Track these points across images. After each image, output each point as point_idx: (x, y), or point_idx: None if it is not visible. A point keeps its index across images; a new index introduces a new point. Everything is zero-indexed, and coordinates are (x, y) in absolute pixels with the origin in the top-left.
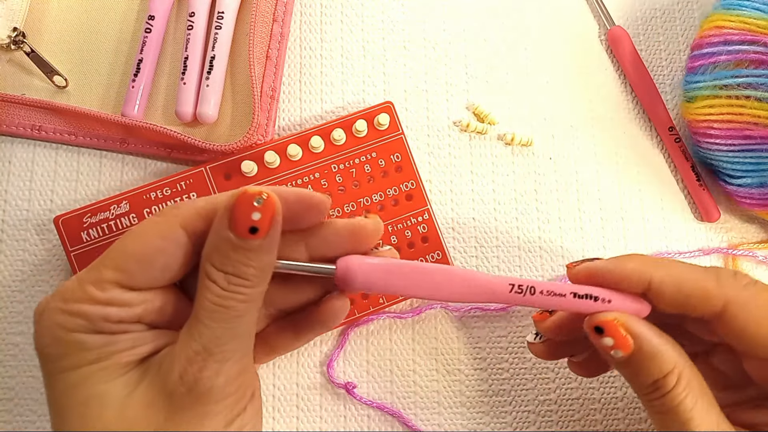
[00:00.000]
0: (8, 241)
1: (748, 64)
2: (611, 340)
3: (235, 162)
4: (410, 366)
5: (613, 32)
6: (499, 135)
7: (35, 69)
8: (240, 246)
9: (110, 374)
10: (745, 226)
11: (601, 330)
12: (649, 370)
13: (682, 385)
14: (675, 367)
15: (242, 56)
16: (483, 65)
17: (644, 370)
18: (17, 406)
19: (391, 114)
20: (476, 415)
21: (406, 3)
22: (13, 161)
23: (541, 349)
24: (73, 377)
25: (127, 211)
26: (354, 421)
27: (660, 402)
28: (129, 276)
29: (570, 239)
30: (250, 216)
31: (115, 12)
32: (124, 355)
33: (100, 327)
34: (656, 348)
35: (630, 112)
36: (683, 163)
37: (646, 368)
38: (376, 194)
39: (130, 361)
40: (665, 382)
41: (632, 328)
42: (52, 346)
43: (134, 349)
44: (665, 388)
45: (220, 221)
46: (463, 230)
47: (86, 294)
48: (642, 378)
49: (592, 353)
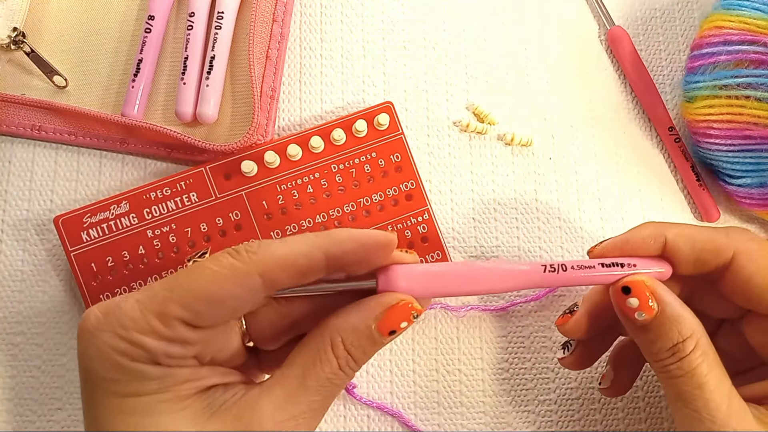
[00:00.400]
0: (8, 241)
1: (748, 64)
2: (636, 301)
3: (235, 162)
4: (410, 366)
5: (613, 32)
6: (499, 135)
7: (35, 69)
8: (377, 341)
9: (172, 406)
10: (744, 226)
11: (629, 290)
12: (669, 334)
13: (699, 350)
14: (694, 333)
15: (242, 56)
16: (483, 65)
17: (665, 334)
18: (17, 406)
19: (391, 114)
20: (476, 415)
21: (406, 3)
22: (13, 161)
23: (572, 361)
24: (132, 404)
25: (127, 211)
26: (354, 421)
27: (676, 365)
28: (196, 316)
29: (570, 239)
30: (399, 324)
31: (115, 12)
32: (182, 388)
33: (159, 360)
34: (678, 312)
35: (630, 112)
36: (683, 163)
37: (666, 332)
38: (376, 194)
39: (188, 395)
40: (684, 347)
41: (657, 292)
42: (110, 371)
43: (190, 383)
44: (683, 352)
45: (371, 312)
46: (463, 230)
47: (150, 326)
48: (661, 342)
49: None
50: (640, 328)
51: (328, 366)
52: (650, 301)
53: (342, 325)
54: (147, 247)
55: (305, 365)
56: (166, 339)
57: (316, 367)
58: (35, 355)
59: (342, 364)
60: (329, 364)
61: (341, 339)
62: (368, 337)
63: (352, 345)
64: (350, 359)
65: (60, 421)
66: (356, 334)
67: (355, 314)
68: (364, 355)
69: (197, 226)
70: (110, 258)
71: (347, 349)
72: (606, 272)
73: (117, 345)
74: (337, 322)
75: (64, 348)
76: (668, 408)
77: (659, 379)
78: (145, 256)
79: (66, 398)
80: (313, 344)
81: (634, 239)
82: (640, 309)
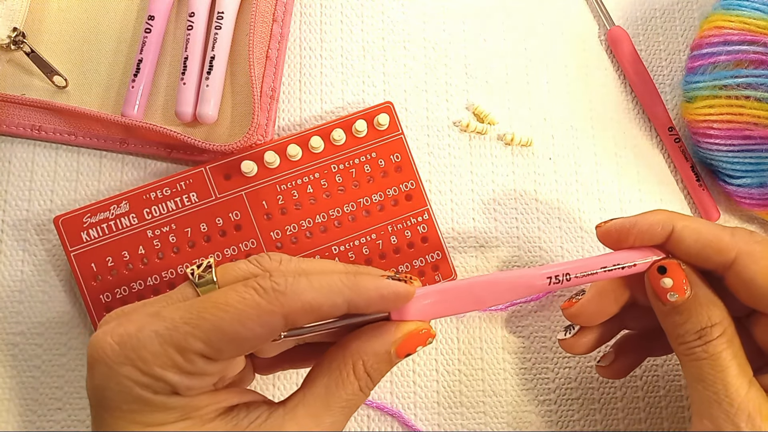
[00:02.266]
0: (8, 241)
1: (748, 65)
2: (671, 281)
3: (235, 162)
4: (410, 366)
5: (613, 32)
6: (499, 135)
7: (35, 69)
8: (392, 363)
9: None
10: (744, 226)
11: (664, 270)
12: (699, 317)
13: (727, 336)
14: (723, 320)
15: (242, 56)
16: (483, 65)
17: (695, 316)
18: (17, 406)
19: (390, 114)
20: (476, 415)
21: (406, 3)
22: (13, 161)
23: (571, 344)
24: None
25: (127, 211)
26: (354, 421)
27: (702, 348)
28: (217, 352)
29: (570, 239)
30: (415, 348)
31: (115, 12)
32: (204, 412)
33: (180, 392)
34: (710, 297)
35: (630, 112)
36: (683, 164)
37: (697, 314)
38: (376, 194)
39: (210, 418)
40: (712, 331)
41: (691, 276)
42: (132, 403)
43: (211, 406)
44: (710, 336)
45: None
46: (463, 230)
47: (171, 361)
48: (690, 324)
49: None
50: (670, 309)
51: (351, 387)
52: (684, 284)
53: (364, 349)
54: (147, 247)
55: (328, 387)
56: (187, 373)
57: (339, 389)
58: (35, 355)
59: (362, 386)
60: (351, 386)
61: (363, 362)
62: (386, 361)
63: (372, 368)
64: (369, 380)
65: (60, 421)
66: (376, 358)
67: (377, 339)
68: (380, 376)
69: (197, 226)
70: (110, 258)
71: (367, 371)
72: (608, 275)
73: (139, 379)
74: (359, 346)
75: (64, 348)
76: (668, 408)
77: (681, 362)
78: (145, 256)
79: (66, 398)
80: (335, 367)
81: (642, 224)
82: (673, 290)
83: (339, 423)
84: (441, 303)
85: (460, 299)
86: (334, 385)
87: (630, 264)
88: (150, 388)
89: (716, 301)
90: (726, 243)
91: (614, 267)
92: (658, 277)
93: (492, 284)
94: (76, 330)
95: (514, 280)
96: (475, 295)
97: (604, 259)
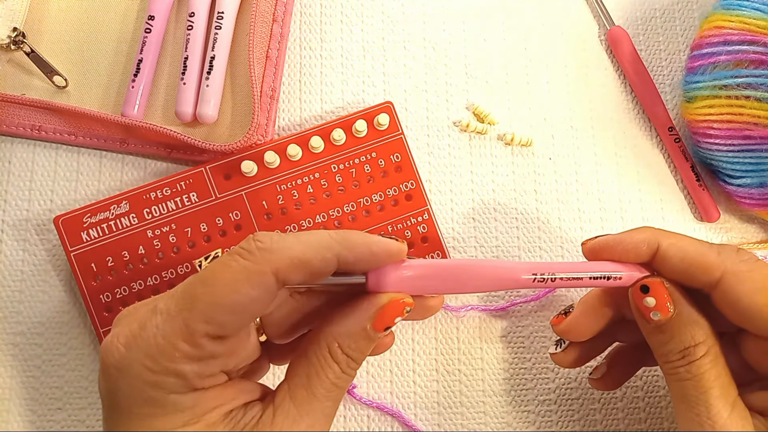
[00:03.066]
0: (8, 241)
1: (748, 64)
2: (653, 300)
3: (235, 162)
4: (410, 366)
5: (613, 32)
6: (499, 135)
7: (35, 69)
8: (373, 339)
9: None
10: (744, 226)
11: (647, 289)
12: (682, 336)
13: (710, 357)
14: (707, 339)
15: (242, 56)
16: (483, 65)
17: (678, 335)
18: (17, 406)
19: (390, 114)
20: (476, 415)
21: (406, 3)
22: (13, 161)
23: (563, 358)
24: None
25: (127, 211)
26: (354, 421)
27: (685, 369)
28: (221, 327)
29: (570, 239)
30: (393, 320)
31: (115, 12)
32: (212, 415)
33: (194, 383)
34: (694, 317)
35: (630, 112)
36: (683, 164)
37: (680, 334)
38: (376, 194)
39: (216, 421)
40: (695, 351)
41: (674, 295)
42: (144, 406)
43: (218, 409)
44: (693, 356)
45: (364, 313)
46: (463, 230)
47: (180, 351)
48: (673, 344)
49: (610, 364)
50: (654, 328)
51: (331, 372)
52: (667, 303)
53: (337, 330)
54: (147, 247)
55: (309, 375)
56: (196, 359)
57: (320, 375)
58: (35, 355)
59: (344, 368)
60: (331, 370)
61: (338, 344)
62: (364, 338)
63: (350, 348)
64: (350, 361)
65: (60, 421)
66: (353, 338)
67: (349, 318)
68: (363, 354)
69: (197, 226)
70: (110, 258)
71: (346, 353)
72: (593, 283)
73: (149, 378)
74: (332, 328)
75: (64, 348)
76: (668, 408)
77: (666, 380)
78: (145, 256)
79: (66, 398)
80: (312, 353)
81: (627, 242)
82: (656, 309)
83: (329, 408)
84: (421, 279)
85: (440, 277)
86: (314, 373)
87: (617, 275)
88: (162, 388)
89: (700, 320)
90: (712, 262)
91: (600, 276)
92: (641, 296)
93: (475, 269)
94: (76, 330)
95: (498, 269)
96: (457, 276)
97: (592, 266)
